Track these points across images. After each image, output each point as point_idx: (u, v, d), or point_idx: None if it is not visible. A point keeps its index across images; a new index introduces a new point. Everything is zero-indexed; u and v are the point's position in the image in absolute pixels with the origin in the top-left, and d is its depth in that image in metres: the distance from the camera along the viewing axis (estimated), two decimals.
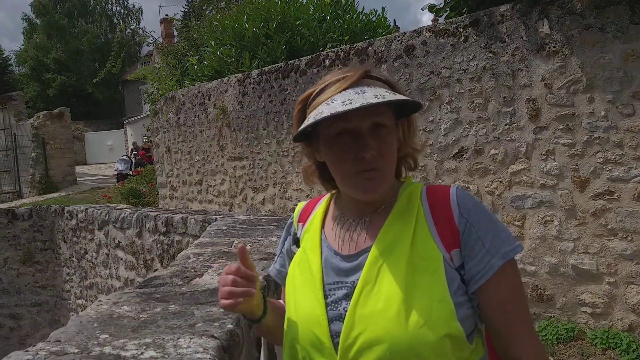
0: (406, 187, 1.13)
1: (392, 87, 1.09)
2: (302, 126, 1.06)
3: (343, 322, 1.02)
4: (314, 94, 1.10)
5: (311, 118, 1.04)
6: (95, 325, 1.48)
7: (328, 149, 1.09)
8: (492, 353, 1.11)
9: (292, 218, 1.29)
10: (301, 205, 1.30)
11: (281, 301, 1.31)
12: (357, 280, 1.04)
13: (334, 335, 1.03)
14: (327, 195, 1.25)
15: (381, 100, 0.98)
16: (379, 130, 1.05)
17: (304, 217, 1.26)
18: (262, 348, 1.30)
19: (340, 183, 1.12)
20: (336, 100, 1.02)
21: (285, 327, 1.15)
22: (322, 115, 1.00)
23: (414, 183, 1.16)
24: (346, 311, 1.03)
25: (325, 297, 1.07)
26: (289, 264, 1.22)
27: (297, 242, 1.24)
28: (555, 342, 4.05)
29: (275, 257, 1.35)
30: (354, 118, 1.03)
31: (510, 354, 1.05)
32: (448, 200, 1.06)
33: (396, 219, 1.07)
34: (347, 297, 1.04)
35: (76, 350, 1.27)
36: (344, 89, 1.04)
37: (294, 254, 1.22)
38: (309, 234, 1.20)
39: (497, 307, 1.03)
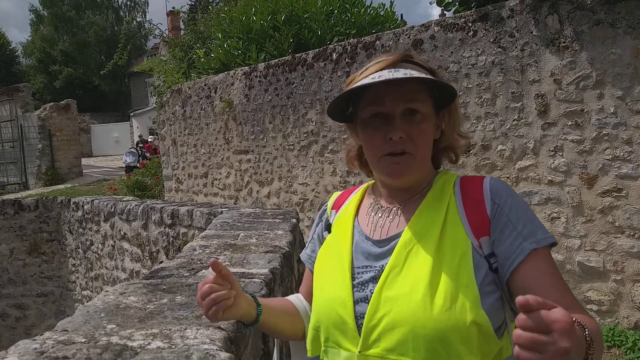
0: (441, 176, 1.14)
1: (432, 73, 1.10)
2: (334, 100, 1.10)
3: (368, 303, 1.02)
4: (355, 77, 1.13)
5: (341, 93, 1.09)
6: (102, 315, 1.48)
7: (362, 131, 1.12)
8: None
9: (326, 205, 1.32)
10: (336, 194, 1.33)
11: (278, 298, 1.31)
12: (386, 264, 1.05)
13: (359, 317, 1.03)
14: (364, 185, 1.27)
15: (408, 75, 1.00)
16: (413, 116, 1.06)
17: (338, 204, 1.28)
18: (275, 341, 1.30)
19: (371, 166, 1.15)
20: (369, 78, 1.05)
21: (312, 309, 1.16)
22: (350, 87, 1.07)
23: (450, 173, 1.16)
24: (372, 293, 1.03)
25: (353, 279, 1.08)
26: (319, 249, 1.24)
27: (328, 227, 1.26)
28: None
29: (307, 243, 1.36)
30: (387, 102, 1.06)
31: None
32: (481, 188, 1.06)
33: (428, 206, 1.08)
34: (374, 280, 1.04)
35: (83, 340, 1.27)
36: (380, 70, 1.07)
37: (325, 239, 1.24)
38: (341, 219, 1.21)
39: (532, 286, 0.95)
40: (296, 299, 1.32)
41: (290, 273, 2.79)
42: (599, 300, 4.08)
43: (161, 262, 5.34)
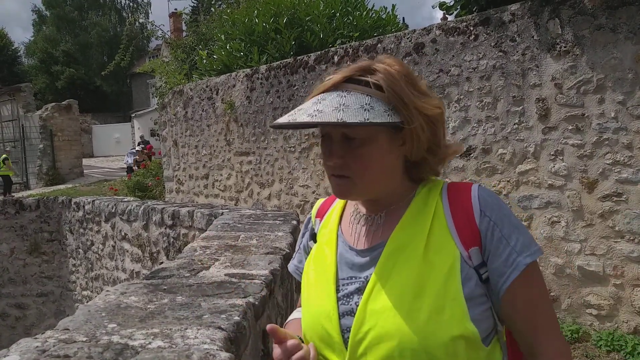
0: (426, 183, 1.11)
1: (381, 90, 1.00)
2: (272, 126, 1.09)
3: (354, 317, 1.01)
4: (312, 93, 1.11)
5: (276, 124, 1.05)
6: (103, 314, 1.49)
7: (320, 147, 1.11)
8: (514, 358, 1.09)
9: (311, 214, 1.29)
10: (320, 201, 1.30)
11: (293, 323, 1.28)
12: (370, 275, 1.03)
13: (345, 330, 1.02)
14: None
15: (316, 119, 0.95)
16: (351, 142, 1.02)
17: (321, 212, 1.26)
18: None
19: None
20: (303, 107, 1.02)
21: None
22: (275, 122, 1.04)
23: (436, 180, 1.13)
24: (357, 306, 1.01)
25: (338, 291, 1.06)
26: (306, 260, 1.22)
27: (314, 237, 1.24)
28: None
29: (294, 254, 1.34)
30: (326, 125, 1.04)
31: (535, 352, 1.01)
32: (469, 197, 1.03)
33: (413, 214, 1.05)
34: (359, 291, 1.03)
35: (84, 339, 1.28)
36: (320, 93, 1.04)
37: (311, 249, 1.22)
38: (325, 229, 1.19)
39: (524, 306, 0.99)
40: (298, 313, 1.28)
41: (291, 274, 2.79)
42: (599, 304, 4.08)
43: (161, 262, 5.34)
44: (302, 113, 0.98)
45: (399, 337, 0.94)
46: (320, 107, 0.97)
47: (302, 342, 1.09)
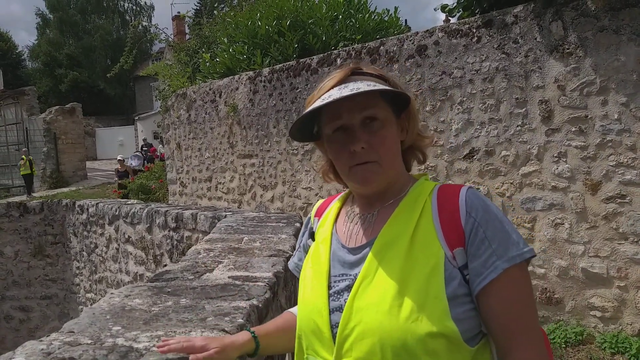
0: (419, 184, 1.14)
1: (385, 80, 1.12)
2: (293, 126, 1.13)
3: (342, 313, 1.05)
4: (313, 97, 1.14)
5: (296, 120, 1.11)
6: (107, 317, 1.49)
7: (329, 147, 1.14)
8: None
9: (311, 214, 1.34)
10: (320, 201, 1.35)
11: (282, 315, 1.35)
12: (359, 272, 1.06)
13: (334, 326, 1.05)
14: (344, 193, 1.28)
15: (354, 92, 1.01)
16: (372, 124, 1.07)
17: (320, 212, 1.30)
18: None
19: (343, 178, 1.16)
20: (319, 101, 1.07)
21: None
22: (298, 117, 1.09)
23: (429, 181, 1.16)
24: (346, 302, 1.04)
25: (330, 288, 1.10)
26: (305, 258, 1.26)
27: (312, 235, 1.28)
28: (564, 346, 4.03)
29: (295, 251, 1.38)
30: (344, 114, 1.08)
31: (505, 359, 1.00)
32: (457, 198, 1.05)
33: (402, 213, 1.08)
34: (349, 288, 1.06)
35: (89, 341, 1.29)
36: (330, 89, 1.09)
37: (310, 247, 1.26)
38: (322, 228, 1.23)
39: (499, 310, 0.99)
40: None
41: (294, 276, 2.79)
42: (603, 306, 4.07)
43: (165, 265, 5.35)
44: (326, 99, 1.04)
45: (380, 334, 0.97)
46: (338, 93, 1.04)
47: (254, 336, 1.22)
